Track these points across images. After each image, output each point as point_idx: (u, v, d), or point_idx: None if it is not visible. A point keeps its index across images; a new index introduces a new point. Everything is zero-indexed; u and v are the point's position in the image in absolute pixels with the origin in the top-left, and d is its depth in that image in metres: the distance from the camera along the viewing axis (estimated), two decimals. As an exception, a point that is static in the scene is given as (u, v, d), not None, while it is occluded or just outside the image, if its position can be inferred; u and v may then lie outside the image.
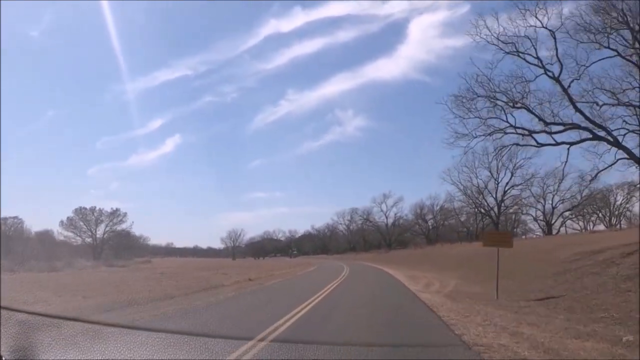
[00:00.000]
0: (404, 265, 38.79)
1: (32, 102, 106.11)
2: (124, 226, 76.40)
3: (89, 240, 75.23)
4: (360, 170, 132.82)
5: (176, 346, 6.07)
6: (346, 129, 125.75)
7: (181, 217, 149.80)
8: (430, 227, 77.58)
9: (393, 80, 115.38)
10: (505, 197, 51.78)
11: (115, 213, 76.80)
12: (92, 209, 76.28)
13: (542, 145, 21.35)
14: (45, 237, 65.22)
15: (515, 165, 49.03)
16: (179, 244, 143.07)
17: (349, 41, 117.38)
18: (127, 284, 18.32)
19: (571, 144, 20.04)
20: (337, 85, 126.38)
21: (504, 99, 20.79)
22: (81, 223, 75.59)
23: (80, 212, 75.79)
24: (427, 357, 6.04)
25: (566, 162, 21.07)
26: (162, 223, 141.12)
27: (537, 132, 20.75)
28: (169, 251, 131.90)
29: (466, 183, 54.17)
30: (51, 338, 5.78)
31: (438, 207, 74.77)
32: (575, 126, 19.08)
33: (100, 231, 74.94)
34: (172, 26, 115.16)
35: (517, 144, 22.56)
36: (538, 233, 57.60)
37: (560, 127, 19.87)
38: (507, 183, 51.31)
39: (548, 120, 19.71)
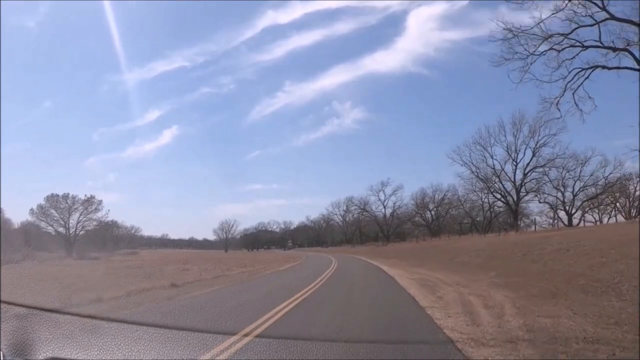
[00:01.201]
0: (406, 261, 32.03)
1: (28, 93, 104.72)
2: (99, 215, 70.21)
3: (61, 229, 69.07)
4: (358, 163, 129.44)
5: None
6: (344, 121, 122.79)
7: (178, 208, 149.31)
8: (431, 218, 70.64)
9: (391, 73, 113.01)
10: (525, 181, 45.16)
11: (89, 201, 70.48)
12: (65, 196, 69.99)
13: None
14: (31, 227, 60.12)
15: (537, 143, 42.54)
16: (175, 235, 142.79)
17: (347, 33, 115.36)
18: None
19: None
20: (335, 78, 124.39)
21: None
22: (52, 211, 69.28)
23: (52, 199, 69.48)
24: None
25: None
26: (159, 214, 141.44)
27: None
28: (164, 242, 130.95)
29: (479, 164, 48.04)
30: None
31: (441, 196, 67.88)
32: None
33: (73, 220, 68.64)
34: (169, 17, 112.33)
35: (603, 67, 14.57)
36: (545, 225, 51.54)
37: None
38: (527, 164, 44.86)
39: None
